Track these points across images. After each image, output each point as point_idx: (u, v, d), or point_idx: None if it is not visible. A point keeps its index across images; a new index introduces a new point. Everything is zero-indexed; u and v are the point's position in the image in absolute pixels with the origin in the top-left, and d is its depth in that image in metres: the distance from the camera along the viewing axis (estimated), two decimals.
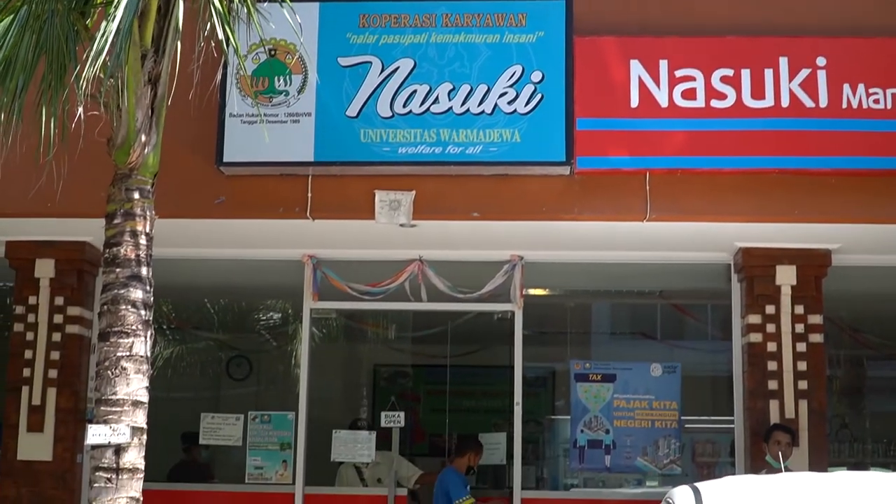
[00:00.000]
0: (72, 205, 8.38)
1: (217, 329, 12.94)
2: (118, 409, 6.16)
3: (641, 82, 8.66)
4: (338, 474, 10.39)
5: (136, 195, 6.48)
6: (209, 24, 6.35)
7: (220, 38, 6.37)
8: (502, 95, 8.59)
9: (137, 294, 6.32)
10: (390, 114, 8.63)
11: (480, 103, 8.59)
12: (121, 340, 6.25)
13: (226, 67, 8.21)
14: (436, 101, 8.62)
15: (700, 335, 11.50)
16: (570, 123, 8.56)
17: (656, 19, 8.94)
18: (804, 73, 8.64)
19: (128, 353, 6.24)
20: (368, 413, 13.59)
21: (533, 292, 10.06)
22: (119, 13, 6.03)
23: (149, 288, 6.42)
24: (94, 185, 7.19)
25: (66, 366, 9.63)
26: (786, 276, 9.28)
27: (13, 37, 6.49)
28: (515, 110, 8.57)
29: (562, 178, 8.68)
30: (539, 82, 8.61)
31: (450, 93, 8.63)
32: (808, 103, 8.61)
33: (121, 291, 6.30)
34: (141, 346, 6.30)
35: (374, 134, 8.62)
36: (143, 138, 6.49)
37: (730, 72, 8.66)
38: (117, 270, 6.34)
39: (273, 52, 8.78)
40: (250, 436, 10.00)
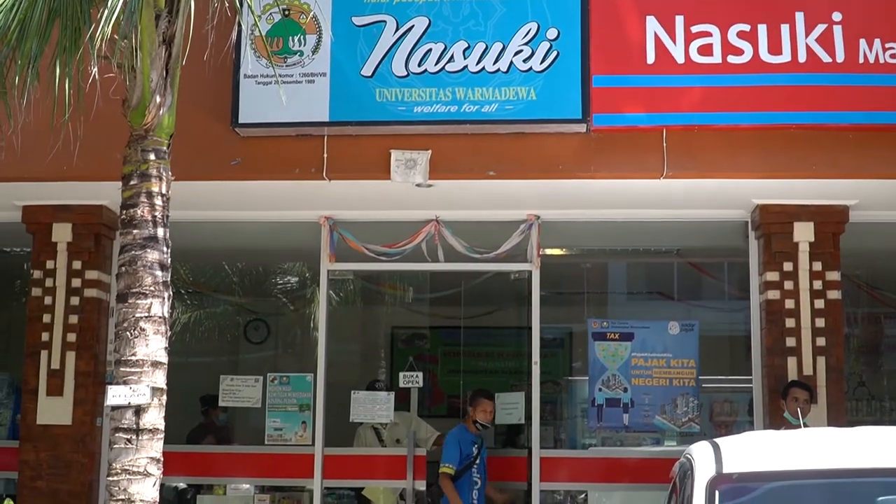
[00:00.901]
0: (88, 168, 8.39)
1: (235, 292, 12.97)
2: (137, 369, 6.18)
3: (657, 38, 8.59)
4: (356, 435, 10.43)
5: (152, 156, 6.49)
6: None
7: None
8: (518, 53, 8.55)
9: (155, 255, 6.33)
10: (405, 73, 8.61)
11: (496, 61, 8.55)
12: (139, 301, 6.26)
13: (240, 28, 8.17)
14: (451, 59, 8.59)
15: (717, 294, 11.48)
16: (586, 80, 8.52)
17: None
18: (820, 28, 8.57)
19: (146, 314, 6.25)
20: (386, 375, 13.62)
21: (549, 252, 10.04)
22: None
23: (166, 249, 6.43)
24: (111, 147, 7.21)
25: (84, 329, 9.66)
26: (803, 233, 9.23)
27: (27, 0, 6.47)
28: (531, 68, 8.53)
29: (578, 136, 8.65)
30: (555, 39, 8.56)
31: (465, 51, 8.59)
32: (825, 58, 8.54)
33: (138, 252, 6.31)
34: (159, 306, 6.31)
35: (390, 93, 8.60)
36: (158, 99, 6.49)
37: (746, 27, 8.59)
38: (134, 232, 6.35)
39: (287, 12, 8.75)
40: (269, 397, 10.03)
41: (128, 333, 6.23)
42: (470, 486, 9.38)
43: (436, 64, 8.60)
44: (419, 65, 8.60)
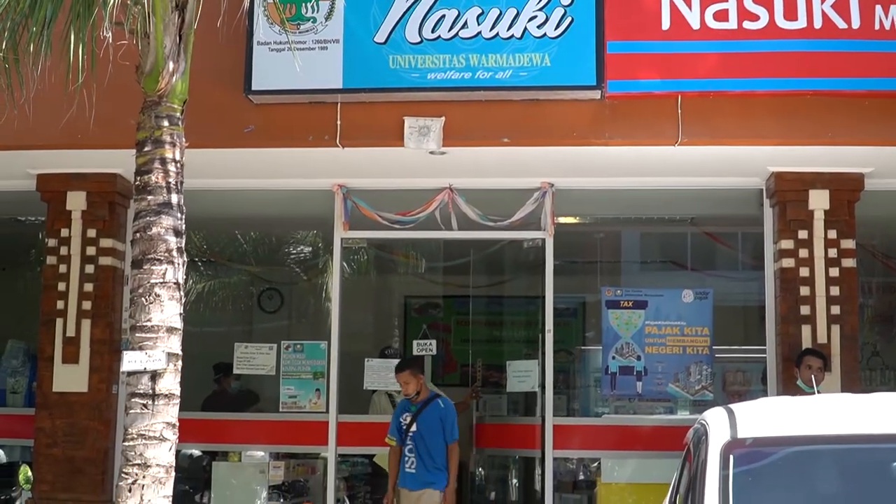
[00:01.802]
0: (103, 135, 8.38)
1: (248, 262, 12.99)
2: (153, 335, 6.19)
3: (672, 4, 8.54)
4: (371, 401, 10.47)
5: (166, 123, 6.48)
6: None
7: None
8: (532, 19, 8.51)
9: (169, 221, 6.33)
10: (419, 39, 8.58)
11: (510, 27, 8.52)
12: (154, 267, 6.26)
13: None
14: (464, 25, 8.56)
15: (731, 264, 11.46)
16: (601, 47, 8.49)
17: None
18: None
19: (161, 279, 6.26)
20: (399, 344, 13.65)
21: (563, 221, 10.02)
22: None
23: (180, 215, 6.43)
24: (125, 115, 7.17)
25: (99, 297, 9.69)
26: (819, 201, 9.20)
27: None
28: (545, 34, 8.50)
29: (592, 103, 8.62)
30: (569, 5, 8.52)
31: (478, 17, 8.56)
32: (841, 24, 8.49)
33: (153, 218, 6.31)
34: (174, 272, 6.31)
35: (403, 60, 8.57)
36: (172, 65, 6.47)
37: None
38: (149, 198, 6.35)
39: None
40: (283, 365, 10.08)
41: (143, 299, 6.24)
42: (406, 456, 9.10)
43: (449, 30, 8.57)
44: (432, 31, 8.57)
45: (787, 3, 8.50)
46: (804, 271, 9.22)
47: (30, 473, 8.09)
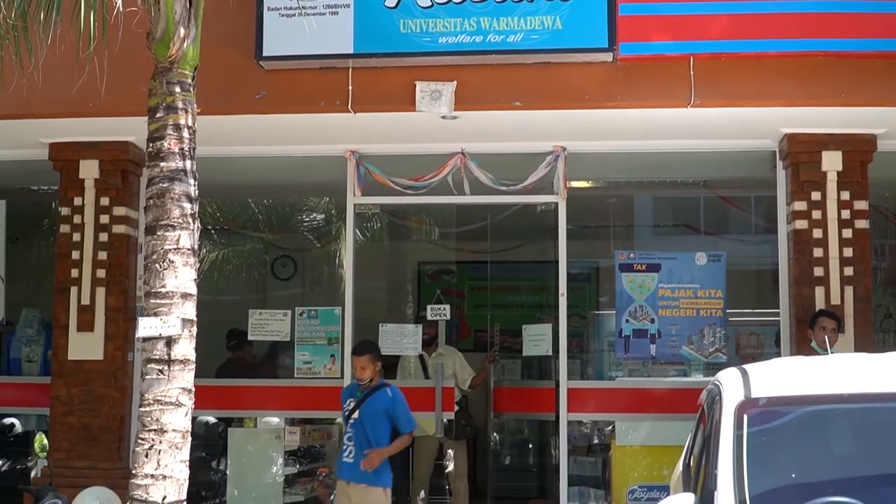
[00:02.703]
0: (114, 103, 8.34)
1: (261, 229, 13.00)
2: (168, 301, 6.20)
3: None
4: (400, 365, 10.50)
5: (178, 89, 6.45)
6: None
7: None
8: None
9: (182, 187, 6.32)
10: (429, 3, 8.55)
11: None
12: (167, 234, 6.27)
13: None
14: None
15: (744, 226, 11.43)
16: (612, 9, 8.45)
17: None
18: None
19: (175, 245, 6.26)
20: (413, 310, 13.68)
21: (575, 185, 10.02)
22: None
23: (193, 181, 6.42)
24: (136, 82, 7.15)
25: (113, 265, 9.72)
26: (831, 162, 9.18)
27: None
28: None
29: (604, 65, 8.59)
30: None
31: None
32: None
33: (165, 185, 6.30)
34: (188, 238, 6.31)
35: (414, 24, 8.55)
36: (182, 31, 6.45)
37: None
38: (161, 164, 6.34)
39: None
40: (298, 331, 10.10)
41: (157, 265, 6.25)
42: (344, 444, 8.36)
43: None
44: None
45: None
46: (817, 233, 9.21)
47: (45, 442, 8.10)
